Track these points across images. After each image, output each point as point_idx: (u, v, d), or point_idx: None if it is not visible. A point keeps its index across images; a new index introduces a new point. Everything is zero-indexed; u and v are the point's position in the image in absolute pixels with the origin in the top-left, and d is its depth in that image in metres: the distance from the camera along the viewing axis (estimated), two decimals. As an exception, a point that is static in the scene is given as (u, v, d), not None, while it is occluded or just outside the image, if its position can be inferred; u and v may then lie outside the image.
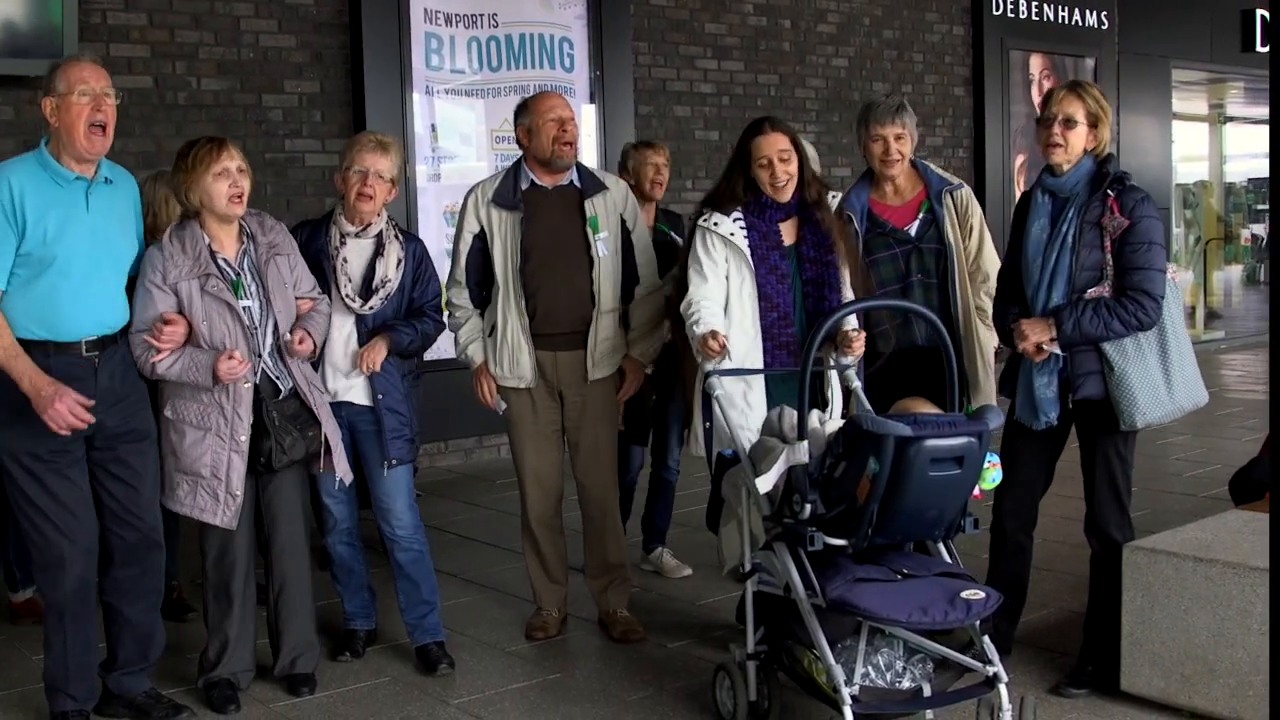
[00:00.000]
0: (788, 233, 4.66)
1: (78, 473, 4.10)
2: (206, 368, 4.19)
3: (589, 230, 4.92)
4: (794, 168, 4.59)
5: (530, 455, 5.06)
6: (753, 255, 4.56)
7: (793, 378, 4.39)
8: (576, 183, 4.98)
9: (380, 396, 4.66)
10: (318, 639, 4.72)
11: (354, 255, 4.69)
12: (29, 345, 3.98)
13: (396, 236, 4.76)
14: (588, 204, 4.94)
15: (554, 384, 5.00)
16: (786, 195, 4.60)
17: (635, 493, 6.02)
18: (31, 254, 3.96)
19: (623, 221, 5.01)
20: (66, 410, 3.92)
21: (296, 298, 4.48)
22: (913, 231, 4.86)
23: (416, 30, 8.49)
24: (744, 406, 4.43)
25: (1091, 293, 4.19)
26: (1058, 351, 4.22)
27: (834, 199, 4.73)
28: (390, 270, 4.68)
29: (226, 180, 4.28)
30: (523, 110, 5.00)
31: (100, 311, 4.12)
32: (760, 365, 4.52)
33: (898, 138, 4.82)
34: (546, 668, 4.83)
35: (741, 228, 4.59)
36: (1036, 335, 4.21)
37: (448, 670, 4.75)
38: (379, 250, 4.70)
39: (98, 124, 4.01)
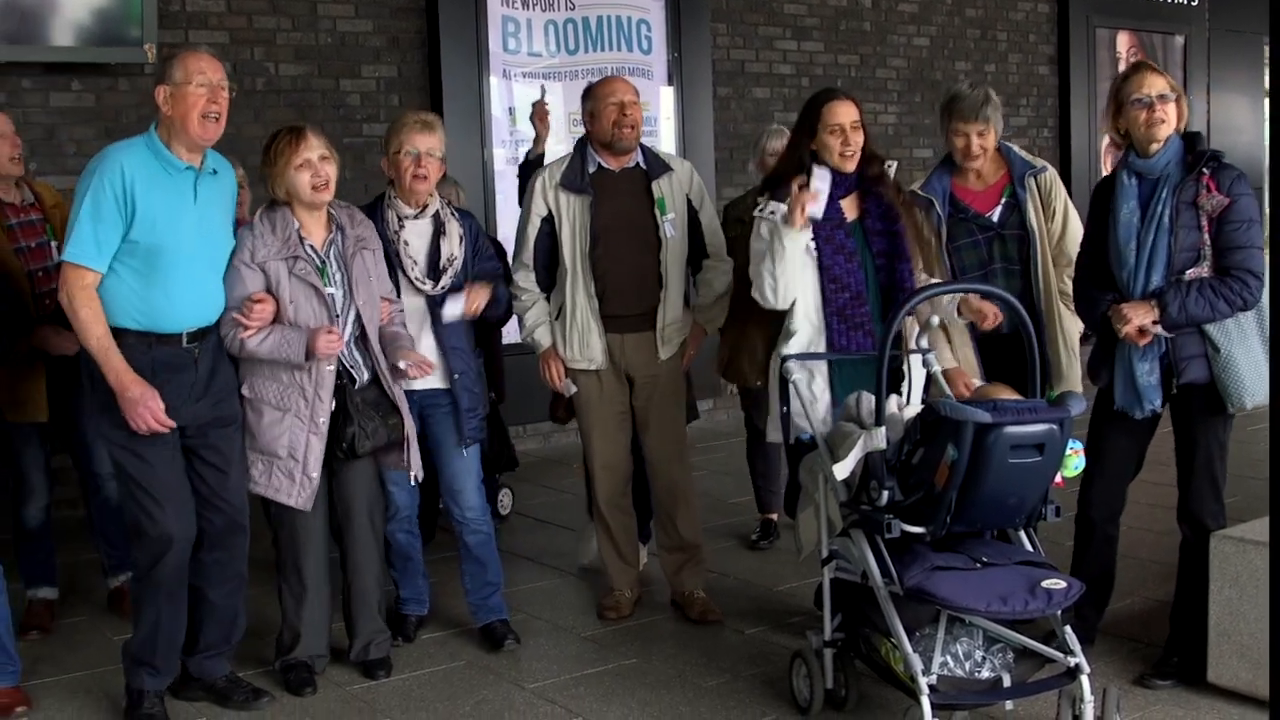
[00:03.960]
0: (849, 208, 4.58)
1: (178, 457, 4.12)
2: (299, 344, 4.19)
3: (657, 212, 4.93)
4: (862, 138, 4.52)
5: (597, 438, 5.09)
6: (816, 236, 4.47)
7: (864, 361, 4.36)
8: (642, 164, 4.99)
9: (456, 376, 4.68)
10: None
11: (414, 237, 4.69)
12: (131, 335, 3.99)
13: (453, 214, 4.79)
14: (655, 186, 4.95)
15: (622, 366, 5.01)
16: (851, 166, 4.53)
17: None
18: (139, 243, 3.95)
19: (689, 201, 5.01)
20: (150, 415, 3.94)
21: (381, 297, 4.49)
22: (995, 217, 4.77)
23: (493, 14, 8.50)
24: (809, 396, 4.36)
25: (1190, 274, 4.08)
26: (1164, 334, 4.11)
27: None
28: (455, 248, 4.70)
29: (308, 171, 4.28)
30: (587, 95, 5.04)
31: (201, 303, 4.13)
32: (823, 353, 4.45)
33: (980, 134, 4.71)
34: (621, 653, 4.81)
35: None
36: (1140, 318, 4.10)
37: (514, 645, 4.80)
38: (439, 230, 4.71)
39: (212, 115, 4.02)
